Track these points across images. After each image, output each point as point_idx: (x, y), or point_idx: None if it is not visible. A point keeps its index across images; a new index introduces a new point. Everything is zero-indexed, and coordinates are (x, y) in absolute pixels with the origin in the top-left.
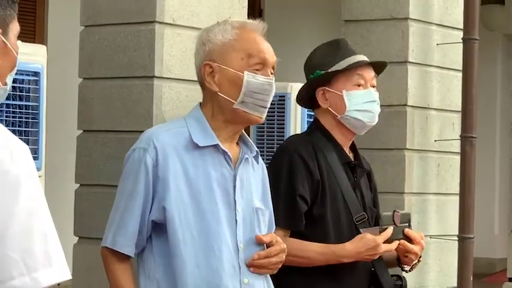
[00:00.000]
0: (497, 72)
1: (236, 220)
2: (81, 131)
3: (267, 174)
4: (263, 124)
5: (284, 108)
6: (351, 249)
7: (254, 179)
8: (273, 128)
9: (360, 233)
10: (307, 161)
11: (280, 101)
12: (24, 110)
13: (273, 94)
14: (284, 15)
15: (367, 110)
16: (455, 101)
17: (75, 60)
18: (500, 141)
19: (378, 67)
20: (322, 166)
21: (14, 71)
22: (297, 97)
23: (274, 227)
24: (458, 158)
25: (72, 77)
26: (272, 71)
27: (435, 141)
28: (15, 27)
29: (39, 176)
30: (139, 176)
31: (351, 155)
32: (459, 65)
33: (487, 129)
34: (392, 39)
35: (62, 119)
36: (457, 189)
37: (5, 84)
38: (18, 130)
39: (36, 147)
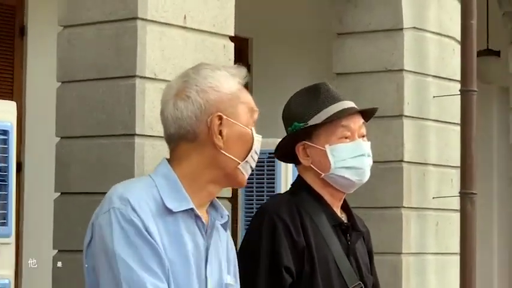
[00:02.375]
0: (494, 126)
1: None
2: (59, 193)
3: (233, 244)
4: (252, 184)
5: (274, 166)
6: None
7: (222, 249)
8: (263, 188)
9: None
10: (289, 226)
11: (270, 157)
12: None
13: None
14: (273, 70)
15: (356, 167)
16: (453, 155)
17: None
18: (497, 198)
19: (368, 114)
20: (309, 230)
21: None
22: (275, 152)
23: None
24: (457, 215)
25: (52, 136)
26: None
27: (433, 198)
28: None
29: (8, 244)
30: (132, 237)
31: (343, 216)
32: (457, 118)
33: (484, 185)
34: (386, 92)
35: (40, 181)
36: (457, 248)
37: None
38: None
39: (5, 211)
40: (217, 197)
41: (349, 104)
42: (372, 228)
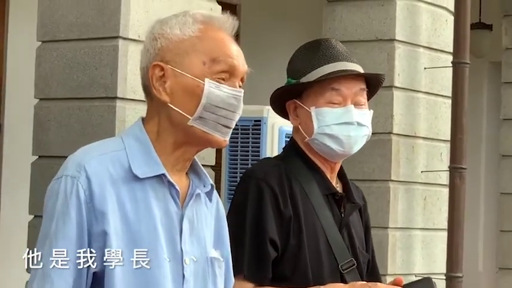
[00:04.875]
0: (484, 101)
1: (184, 275)
2: (37, 156)
3: (224, 214)
4: (236, 151)
5: (260, 133)
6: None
7: (207, 220)
8: (247, 156)
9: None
10: (277, 194)
11: (256, 125)
12: None
13: (240, 111)
14: (261, 36)
15: (339, 135)
16: (444, 129)
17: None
18: (485, 173)
19: (373, 81)
20: (298, 200)
21: None
22: (270, 104)
23: (233, 281)
24: (446, 190)
25: (32, 98)
26: (241, 83)
27: (422, 172)
28: None
29: None
30: (68, 214)
31: (338, 185)
32: (448, 91)
33: (472, 161)
34: (377, 62)
35: (20, 143)
36: (444, 224)
37: None
38: None
39: None
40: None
41: (348, 65)
42: None
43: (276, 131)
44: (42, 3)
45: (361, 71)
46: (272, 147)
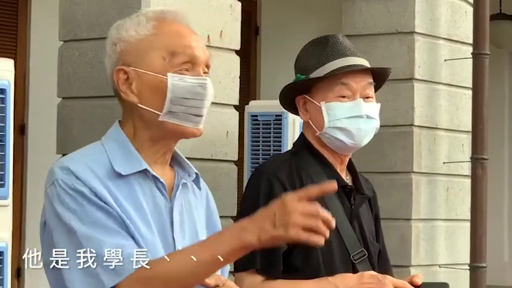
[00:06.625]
0: (505, 91)
1: None
2: (60, 155)
3: (213, 202)
4: (258, 147)
5: (281, 128)
6: (353, 278)
7: (198, 209)
8: (269, 150)
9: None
10: (287, 188)
11: (277, 120)
12: None
13: (209, 98)
14: (282, 32)
15: (349, 128)
16: (465, 120)
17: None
18: (508, 164)
19: (380, 75)
20: None
21: None
22: (279, 100)
23: (228, 266)
24: (468, 181)
25: (55, 97)
26: (206, 69)
27: (444, 163)
28: None
29: (5, 206)
30: (82, 204)
31: (347, 178)
32: (468, 82)
33: (494, 151)
34: (397, 54)
35: (44, 143)
36: (467, 215)
37: None
38: None
39: (3, 172)
40: (223, 160)
41: (356, 60)
42: (381, 194)
43: (297, 126)
44: (63, 3)
45: (368, 65)
46: (294, 139)
